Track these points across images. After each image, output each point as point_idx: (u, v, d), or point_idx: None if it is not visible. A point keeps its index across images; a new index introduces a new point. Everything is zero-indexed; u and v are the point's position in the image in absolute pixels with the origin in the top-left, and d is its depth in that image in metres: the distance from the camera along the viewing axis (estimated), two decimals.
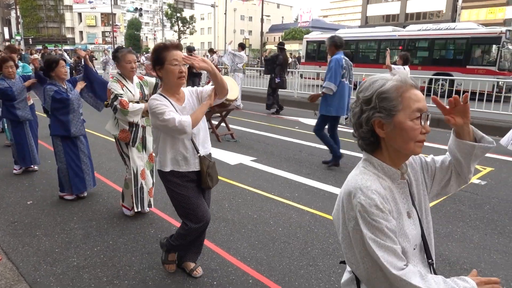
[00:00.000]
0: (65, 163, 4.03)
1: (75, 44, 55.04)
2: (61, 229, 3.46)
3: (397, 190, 1.20)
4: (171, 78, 2.35)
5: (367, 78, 1.25)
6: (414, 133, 1.13)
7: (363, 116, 1.19)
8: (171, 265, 2.80)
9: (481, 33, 13.71)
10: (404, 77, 1.16)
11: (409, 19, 40.00)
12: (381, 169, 1.20)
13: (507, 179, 5.14)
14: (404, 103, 1.13)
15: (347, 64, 5.35)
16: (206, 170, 2.46)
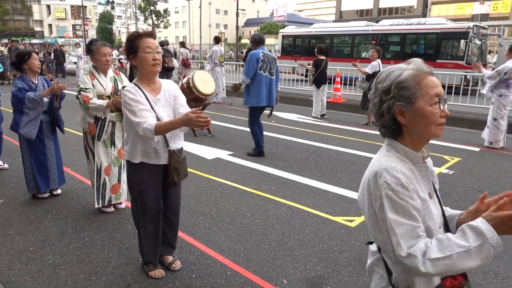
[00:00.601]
0: (30, 160, 3.91)
1: (44, 37, 53.14)
2: (35, 228, 3.40)
3: (419, 173, 1.26)
4: (145, 66, 2.33)
5: (383, 70, 1.29)
6: (435, 117, 1.19)
7: (384, 106, 1.24)
8: (156, 271, 2.70)
9: (450, 28, 14.16)
10: (419, 65, 1.22)
11: (382, 14, 40.79)
12: (403, 153, 1.25)
13: (473, 169, 5.39)
14: (422, 90, 1.19)
15: (266, 57, 5.67)
16: (174, 165, 2.46)
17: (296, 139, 6.97)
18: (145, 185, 2.49)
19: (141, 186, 2.49)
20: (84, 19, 47.39)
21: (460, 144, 6.85)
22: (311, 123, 8.78)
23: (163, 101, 2.42)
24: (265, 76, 5.69)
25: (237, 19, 32.06)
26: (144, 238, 2.63)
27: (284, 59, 18.71)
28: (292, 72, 16.59)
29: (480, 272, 2.83)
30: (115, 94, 3.53)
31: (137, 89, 2.35)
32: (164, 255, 2.80)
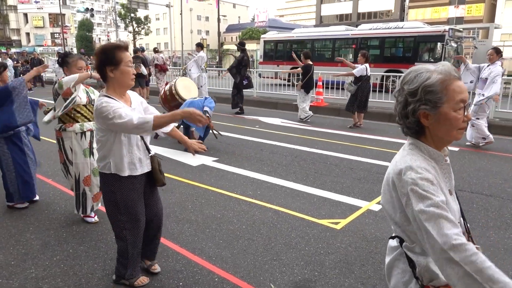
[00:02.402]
0: (14, 170, 3.87)
1: (22, 46, 52.02)
2: (16, 241, 3.31)
3: (441, 171, 1.29)
4: (126, 79, 2.32)
5: (410, 69, 1.30)
6: (458, 122, 1.22)
7: (409, 108, 1.26)
8: (140, 278, 2.67)
9: (427, 31, 14.53)
10: (448, 69, 1.23)
11: (361, 18, 41.51)
12: (427, 152, 1.28)
13: (452, 168, 5.50)
14: (448, 95, 1.20)
15: None
16: (158, 168, 2.52)
17: (280, 143, 7.01)
18: (132, 198, 2.45)
19: (129, 200, 2.43)
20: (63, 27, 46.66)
21: None
22: (295, 127, 8.84)
23: (137, 112, 2.39)
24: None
25: (218, 25, 32.14)
26: (131, 254, 2.57)
27: (266, 64, 18.85)
28: (275, 77, 16.71)
29: None
30: (90, 104, 3.60)
31: (113, 100, 2.27)
32: (145, 259, 2.82)
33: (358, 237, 3.41)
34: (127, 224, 2.50)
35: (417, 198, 1.15)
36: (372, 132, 8.08)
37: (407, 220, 1.23)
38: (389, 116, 9.62)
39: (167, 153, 6.28)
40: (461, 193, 4.52)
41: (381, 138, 7.52)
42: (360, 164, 5.67)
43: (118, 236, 2.57)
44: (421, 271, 1.25)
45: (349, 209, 4.04)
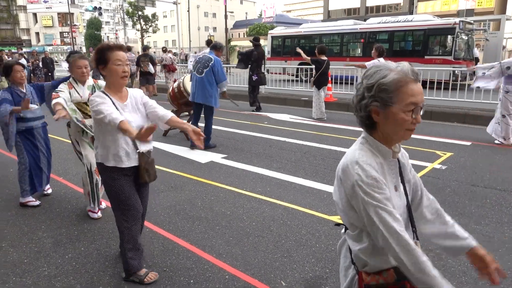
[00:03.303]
0: (26, 163, 4.04)
1: (32, 46, 52.58)
2: (29, 239, 3.35)
3: (387, 166, 1.32)
4: (115, 77, 2.46)
5: (374, 65, 1.32)
6: (405, 123, 1.24)
7: (363, 102, 1.29)
8: (150, 274, 2.71)
9: (437, 24, 14.30)
10: (406, 70, 1.24)
11: (370, 12, 41.04)
12: (375, 147, 1.32)
13: (465, 163, 5.44)
14: (399, 96, 1.22)
15: (201, 59, 6.33)
16: (144, 166, 2.57)
17: (289, 139, 6.98)
18: (122, 188, 2.56)
19: (119, 190, 2.56)
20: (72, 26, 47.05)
21: (451, 139, 6.91)
22: (304, 123, 8.80)
23: (130, 107, 2.53)
24: (193, 75, 6.37)
25: (225, 22, 32.07)
26: (130, 248, 2.64)
27: (274, 60, 18.77)
28: (283, 72, 16.64)
29: None
30: None
31: (104, 95, 2.45)
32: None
33: None
34: (118, 212, 2.63)
35: (363, 193, 1.21)
36: None
37: (351, 210, 1.28)
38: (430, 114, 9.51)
39: (176, 151, 6.29)
40: (474, 188, 4.45)
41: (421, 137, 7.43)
42: None
43: (117, 225, 2.70)
44: (355, 257, 1.34)
45: None
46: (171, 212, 3.89)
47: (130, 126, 2.30)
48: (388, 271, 1.28)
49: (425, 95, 10.17)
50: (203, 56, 6.39)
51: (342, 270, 1.46)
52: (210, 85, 6.18)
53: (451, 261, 2.93)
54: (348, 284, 1.40)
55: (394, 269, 1.27)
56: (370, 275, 1.30)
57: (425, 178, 4.75)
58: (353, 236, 1.34)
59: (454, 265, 2.87)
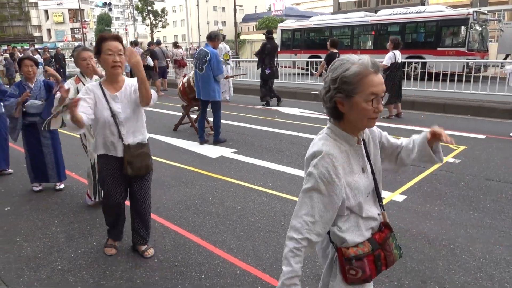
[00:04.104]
0: (28, 155, 4.23)
1: (43, 42, 53.15)
2: (42, 234, 3.39)
3: (352, 152, 1.43)
4: (106, 67, 2.54)
5: (339, 58, 1.40)
6: (367, 112, 1.34)
7: (328, 94, 1.39)
8: (109, 248, 3.03)
9: (450, 15, 14.01)
10: (366, 62, 1.33)
11: (380, 4, 40.45)
12: (341, 137, 1.42)
13: (479, 156, 5.34)
14: (361, 87, 1.32)
15: (199, 55, 6.22)
16: (128, 159, 2.64)
17: (300, 133, 6.93)
18: (106, 176, 2.73)
19: (103, 177, 2.76)
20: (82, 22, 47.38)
21: (465, 132, 6.79)
22: (314, 117, 8.73)
23: (120, 98, 2.61)
24: (195, 72, 6.31)
25: (235, 16, 31.93)
26: (106, 221, 3.02)
27: (284, 54, 18.64)
28: (293, 66, 16.53)
29: (492, 262, 2.80)
30: None
31: (95, 86, 2.58)
32: (137, 245, 3.02)
33: None
34: (104, 199, 2.88)
35: (309, 179, 1.36)
36: (392, 121, 7.89)
37: None
38: (412, 103, 9.39)
39: (186, 145, 6.30)
40: (489, 182, 4.37)
41: (401, 127, 7.34)
42: None
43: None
44: (334, 235, 1.45)
45: None
46: (182, 207, 3.90)
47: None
48: (363, 243, 1.43)
49: (438, 88, 10.02)
50: (200, 51, 6.29)
51: (320, 251, 1.59)
52: (211, 80, 6.13)
53: (466, 256, 2.88)
54: (329, 262, 1.53)
55: (368, 240, 1.44)
56: (349, 249, 1.41)
57: (439, 172, 4.68)
58: None
59: (469, 261, 2.82)
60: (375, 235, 1.47)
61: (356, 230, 1.44)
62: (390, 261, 1.48)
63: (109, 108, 2.56)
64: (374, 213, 1.49)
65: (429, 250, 2.97)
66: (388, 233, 1.49)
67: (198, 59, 6.19)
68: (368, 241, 1.44)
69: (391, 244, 1.49)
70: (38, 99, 4.07)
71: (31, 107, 4.03)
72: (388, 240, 1.48)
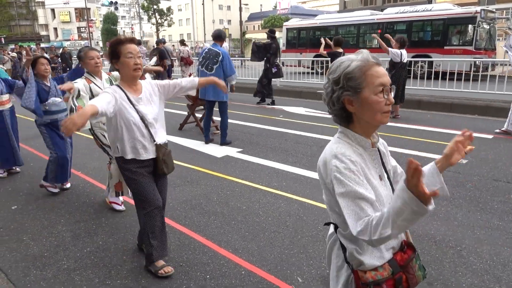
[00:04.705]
0: (55, 152, 4.17)
1: (50, 41, 53.51)
2: (48, 233, 3.42)
3: (368, 157, 1.34)
4: (127, 70, 2.48)
5: (336, 60, 1.36)
6: (379, 105, 1.27)
7: (334, 96, 1.32)
8: (165, 268, 2.71)
9: (457, 13, 13.89)
10: (366, 56, 1.29)
11: (387, 2, 40.20)
12: (354, 139, 1.34)
13: (486, 157, 5.28)
14: (367, 80, 1.26)
15: (208, 54, 6.08)
16: (162, 157, 2.61)
17: (305, 133, 6.91)
18: (141, 180, 2.61)
19: (139, 183, 2.61)
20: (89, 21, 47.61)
21: (472, 132, 6.71)
22: (320, 116, 8.70)
23: (144, 100, 2.57)
24: (202, 71, 6.11)
25: (240, 14, 31.93)
26: (152, 237, 2.68)
27: (289, 52, 18.60)
28: (298, 65, 16.48)
29: (499, 264, 2.77)
30: None
31: (117, 89, 2.49)
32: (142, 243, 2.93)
33: None
34: (140, 204, 2.68)
35: (339, 185, 1.23)
36: (399, 121, 7.84)
37: (337, 206, 1.27)
38: (418, 102, 9.32)
39: (192, 145, 6.31)
40: (497, 183, 4.32)
41: (409, 126, 7.29)
42: None
43: (138, 218, 2.78)
44: (350, 256, 1.33)
45: None
46: (187, 206, 3.90)
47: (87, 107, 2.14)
48: (383, 266, 1.30)
49: (445, 87, 9.93)
50: (208, 50, 6.10)
51: (334, 270, 1.45)
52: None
53: (473, 258, 2.85)
54: (344, 284, 1.39)
55: (389, 262, 1.30)
56: (366, 273, 1.29)
57: (445, 173, 4.60)
58: (346, 234, 1.33)
59: (476, 263, 2.79)
60: (396, 256, 1.33)
61: (376, 251, 1.31)
62: (412, 284, 1.33)
63: (135, 110, 2.50)
64: None
65: (435, 252, 2.94)
66: (411, 254, 1.35)
67: (207, 58, 6.06)
68: (388, 263, 1.31)
69: (414, 266, 1.35)
70: (56, 96, 4.15)
71: (52, 105, 4.10)
72: (411, 262, 1.34)
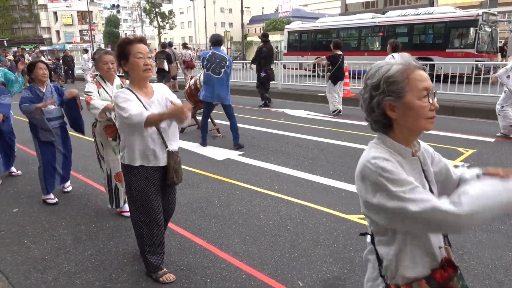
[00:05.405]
0: (41, 163, 4.09)
1: (52, 44, 53.71)
2: (49, 236, 3.42)
3: (408, 166, 1.26)
4: (137, 71, 2.37)
5: (372, 65, 1.29)
6: (424, 110, 1.20)
7: (373, 101, 1.25)
8: (167, 275, 2.69)
9: (459, 16, 13.90)
10: (407, 59, 1.23)
11: (388, 5, 40.29)
12: (393, 147, 1.26)
13: (488, 160, 5.27)
14: (410, 84, 1.19)
15: (213, 58, 6.03)
16: (173, 166, 2.48)
17: (306, 136, 6.91)
18: (147, 190, 2.49)
19: (143, 192, 2.49)
20: (91, 24, 47.80)
21: (474, 135, 6.71)
22: (321, 119, 8.70)
23: (156, 104, 2.45)
24: (209, 75, 6.08)
25: (242, 17, 32.02)
26: (151, 245, 2.63)
27: (291, 55, 18.63)
28: (300, 68, 16.50)
29: (501, 268, 2.76)
30: None
31: (129, 92, 2.38)
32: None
33: None
34: (142, 216, 2.56)
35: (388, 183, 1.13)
36: None
37: (378, 212, 1.19)
38: None
39: (193, 148, 6.31)
40: None
41: None
42: None
43: (135, 229, 2.66)
44: (387, 267, 1.26)
45: None
46: (188, 210, 3.90)
47: (155, 113, 2.25)
48: (419, 281, 1.22)
49: (447, 90, 9.92)
50: (212, 54, 6.05)
51: (370, 280, 1.38)
52: (227, 85, 6.17)
53: (474, 263, 2.84)
54: None
55: (426, 279, 1.22)
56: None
57: None
58: (384, 242, 1.27)
59: (478, 267, 2.78)
60: (435, 274, 1.23)
61: (414, 262, 1.22)
62: None
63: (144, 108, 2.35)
64: (435, 246, 1.26)
65: None
66: (452, 272, 1.24)
67: (213, 62, 6.02)
68: (425, 279, 1.22)
69: (455, 286, 1.23)
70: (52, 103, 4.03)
71: (44, 111, 3.96)
72: (451, 281, 1.23)
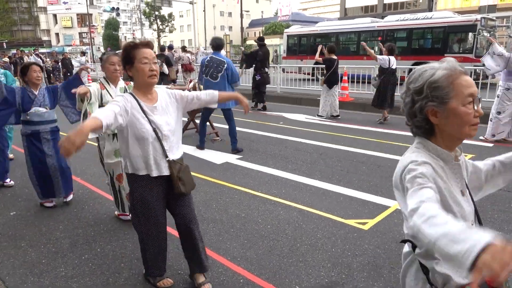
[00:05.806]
0: (31, 166, 4.00)
1: (52, 46, 53.76)
2: (47, 239, 3.40)
3: (450, 171, 1.24)
4: (142, 76, 2.28)
5: (415, 69, 1.26)
6: (468, 117, 1.18)
7: (416, 106, 1.23)
8: (163, 280, 2.67)
9: (457, 21, 13.95)
10: (452, 64, 1.20)
11: (387, 10, 40.45)
12: (434, 152, 1.24)
13: None
14: (456, 90, 1.17)
15: (211, 63, 6.04)
16: (177, 175, 2.38)
17: (305, 140, 6.91)
18: (149, 200, 2.40)
19: (145, 202, 2.41)
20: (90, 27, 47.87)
21: (473, 140, 6.72)
22: (320, 123, 8.71)
23: (160, 110, 2.35)
24: (207, 80, 6.09)
25: (241, 21, 32.13)
26: (148, 254, 2.59)
27: (290, 59, 18.67)
28: (298, 71, 16.53)
29: None
30: None
31: (129, 98, 2.28)
32: (194, 272, 2.68)
33: (387, 238, 3.30)
34: (144, 226, 2.49)
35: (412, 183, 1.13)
36: (399, 127, 7.84)
37: None
38: None
39: (191, 151, 6.31)
40: (497, 192, 4.29)
41: (409, 134, 7.28)
42: (388, 161, 5.50)
43: (138, 236, 2.61)
44: (434, 275, 1.22)
45: (377, 208, 3.92)
46: None
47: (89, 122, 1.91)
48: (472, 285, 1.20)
49: None
50: (210, 59, 6.04)
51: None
52: (225, 89, 6.08)
53: None
54: None
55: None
56: None
57: None
58: (422, 252, 1.24)
59: None
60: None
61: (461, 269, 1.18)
62: None
63: (148, 121, 2.27)
64: None
65: None
66: None
67: (211, 67, 6.00)
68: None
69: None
70: (42, 106, 3.92)
71: (35, 114, 3.88)
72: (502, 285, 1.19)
